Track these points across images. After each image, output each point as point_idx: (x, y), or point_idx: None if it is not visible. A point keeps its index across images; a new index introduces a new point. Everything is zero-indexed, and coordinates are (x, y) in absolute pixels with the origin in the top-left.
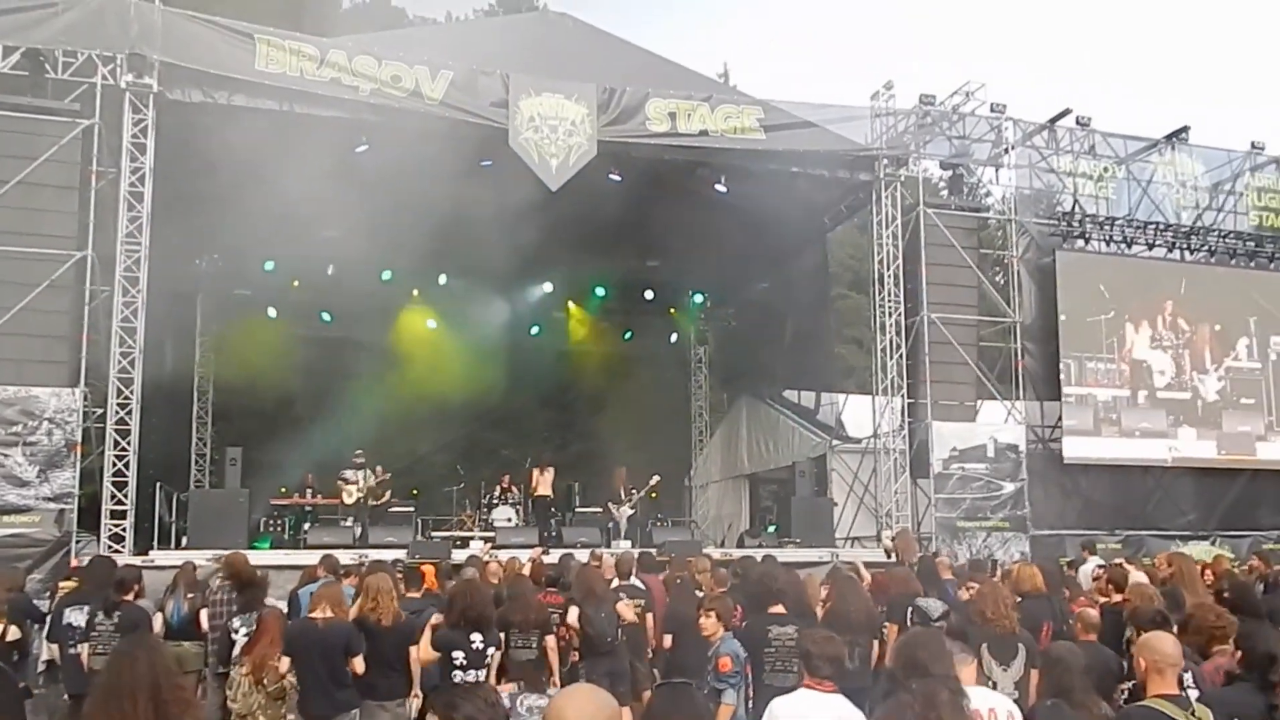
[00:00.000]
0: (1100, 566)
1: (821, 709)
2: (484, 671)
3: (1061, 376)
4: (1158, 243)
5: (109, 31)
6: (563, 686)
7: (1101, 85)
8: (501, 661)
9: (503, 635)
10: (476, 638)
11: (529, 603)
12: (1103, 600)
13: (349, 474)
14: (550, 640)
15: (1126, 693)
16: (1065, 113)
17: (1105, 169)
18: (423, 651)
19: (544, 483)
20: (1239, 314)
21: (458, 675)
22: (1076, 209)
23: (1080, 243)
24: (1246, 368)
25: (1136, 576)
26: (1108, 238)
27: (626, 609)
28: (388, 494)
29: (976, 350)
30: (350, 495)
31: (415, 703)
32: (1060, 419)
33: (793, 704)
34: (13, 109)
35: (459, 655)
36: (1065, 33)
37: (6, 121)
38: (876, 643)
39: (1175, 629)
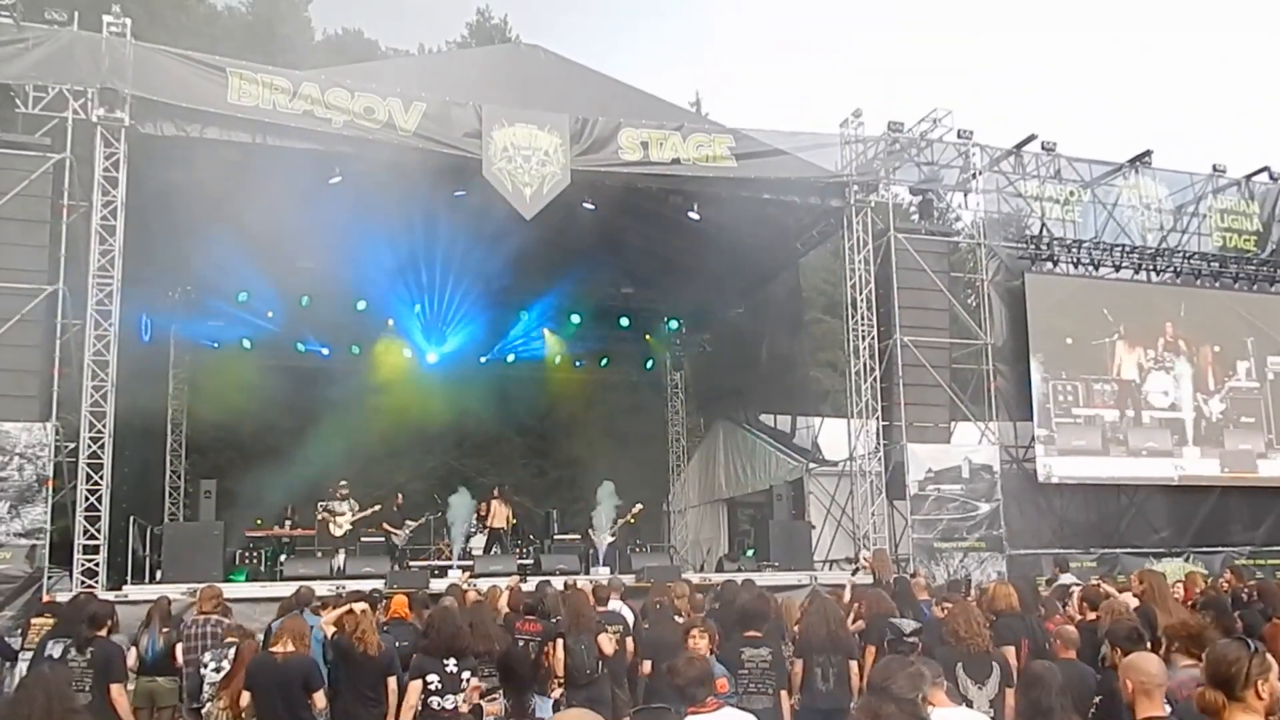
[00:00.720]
0: (1075, 584)
1: None
2: (460, 696)
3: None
4: (1124, 264)
5: (80, 66)
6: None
7: (1066, 111)
8: None
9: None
10: (451, 663)
11: (488, 633)
12: (1078, 618)
13: (335, 505)
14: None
15: (1095, 707)
16: (1031, 138)
17: (1071, 193)
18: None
19: (499, 514)
20: (1236, 335)
21: (434, 701)
22: (1044, 232)
23: (1049, 265)
24: (1246, 387)
25: (1122, 596)
26: (1075, 260)
27: (607, 641)
28: (382, 522)
29: (949, 372)
30: (339, 527)
31: None
32: (1033, 439)
33: None
34: None
35: (434, 680)
36: (1029, 60)
37: None
38: (854, 663)
39: (1149, 645)
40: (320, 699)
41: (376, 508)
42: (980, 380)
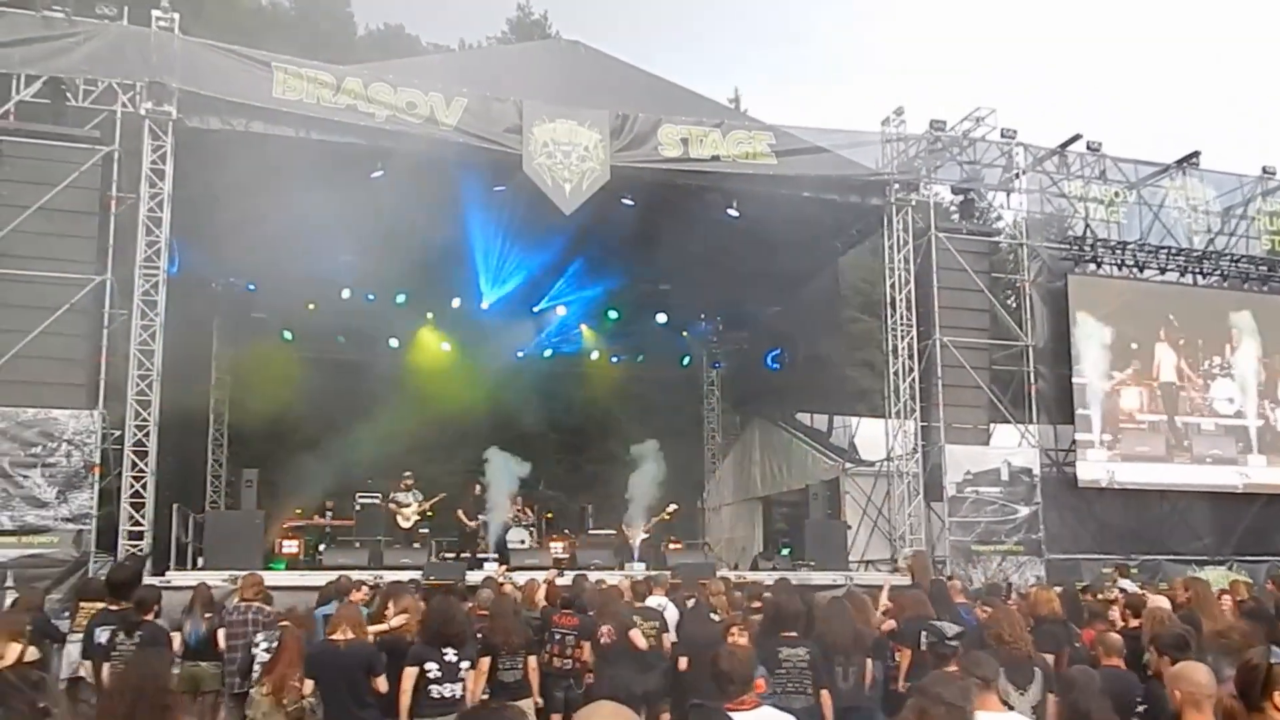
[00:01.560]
0: (1121, 590)
1: None
2: (460, 685)
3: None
4: (1170, 266)
5: (129, 60)
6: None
7: (1112, 111)
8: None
9: (489, 658)
10: (450, 651)
11: (509, 626)
12: (1120, 625)
13: (401, 497)
14: (533, 661)
15: (1139, 716)
16: (1076, 138)
17: (1116, 194)
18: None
19: (525, 517)
20: None
21: (434, 690)
22: (1088, 233)
23: (1092, 266)
24: None
25: (1157, 601)
26: (1119, 261)
27: (638, 637)
28: (459, 509)
29: (989, 373)
30: (406, 519)
31: None
32: (1074, 443)
33: None
34: (34, 136)
35: (432, 668)
36: (1075, 59)
37: (28, 149)
38: (871, 662)
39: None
40: (382, 683)
41: (442, 495)
42: (1020, 382)
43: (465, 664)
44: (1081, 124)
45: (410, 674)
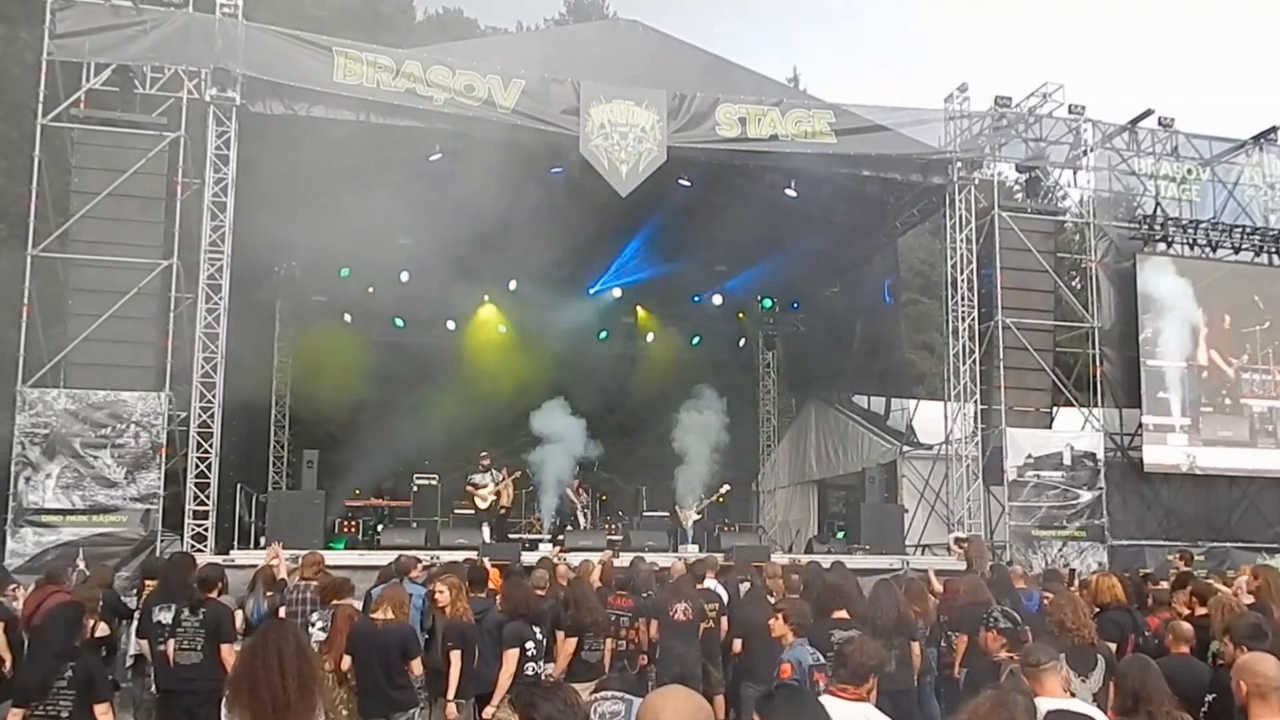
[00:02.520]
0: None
1: (844, 715)
2: (549, 664)
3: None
4: (1245, 246)
5: (194, 47)
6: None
7: (1185, 85)
8: (570, 663)
9: (575, 638)
10: (537, 630)
11: (595, 606)
12: (1185, 614)
13: (478, 478)
14: (609, 643)
15: (1208, 705)
16: (1147, 113)
17: (1189, 171)
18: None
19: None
20: None
21: (530, 667)
22: (1158, 212)
23: (1162, 246)
24: None
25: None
26: (1191, 241)
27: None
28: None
29: (1052, 356)
30: (484, 500)
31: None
32: (1140, 427)
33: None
34: (103, 123)
35: (530, 646)
36: (1147, 32)
37: (98, 135)
38: (917, 646)
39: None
40: (417, 666)
41: (517, 474)
42: (1085, 365)
43: (546, 642)
44: (1153, 99)
45: (512, 656)
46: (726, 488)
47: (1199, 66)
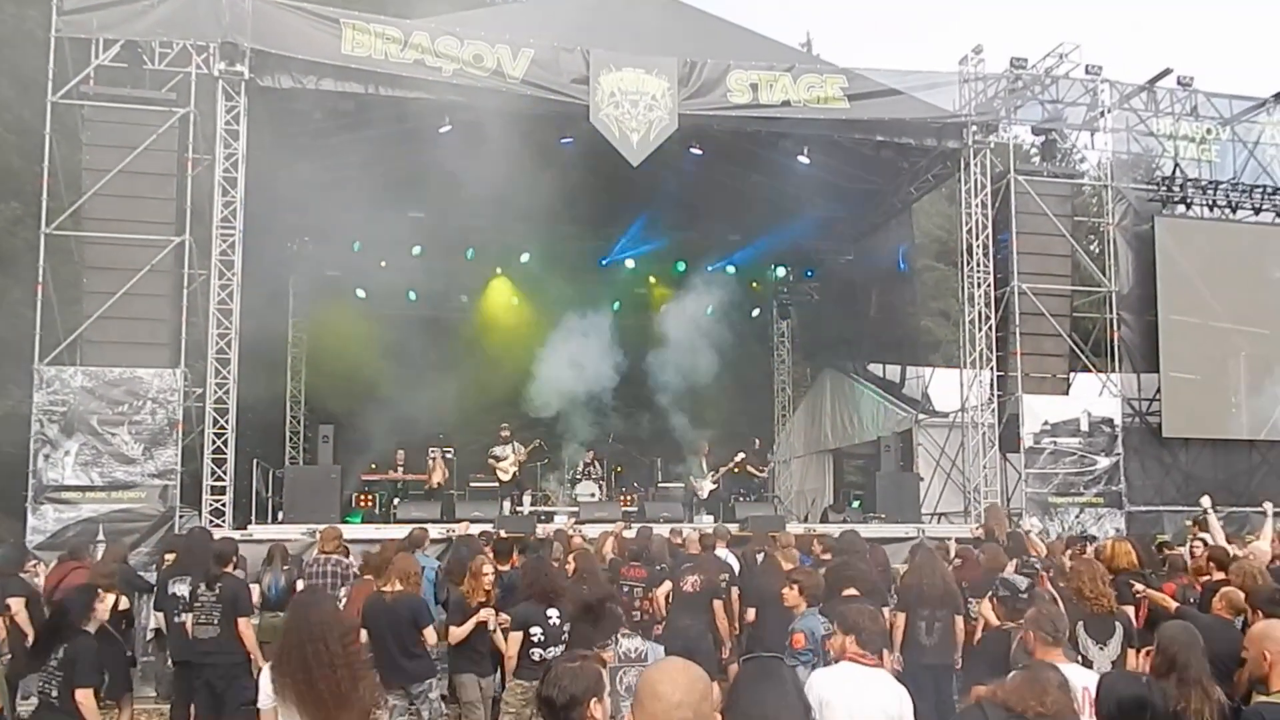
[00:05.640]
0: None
1: (864, 683)
2: (562, 649)
3: (1161, 348)
4: (1265, 207)
5: (202, 21)
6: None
7: (1205, 43)
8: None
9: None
10: (553, 613)
11: (602, 580)
12: (1203, 579)
13: (499, 450)
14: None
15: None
16: (1165, 73)
17: (1208, 131)
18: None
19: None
20: None
21: (535, 653)
22: (1177, 173)
23: (1181, 208)
24: None
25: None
26: (1211, 202)
27: (719, 606)
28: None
29: (1069, 321)
30: (505, 472)
31: None
32: (1159, 391)
33: (834, 676)
34: (113, 100)
35: (536, 631)
36: None
37: (108, 112)
38: (959, 618)
39: None
40: (431, 635)
41: (538, 442)
42: (1103, 330)
43: (568, 624)
44: (1172, 58)
45: (515, 638)
46: (741, 456)
47: (1218, 24)
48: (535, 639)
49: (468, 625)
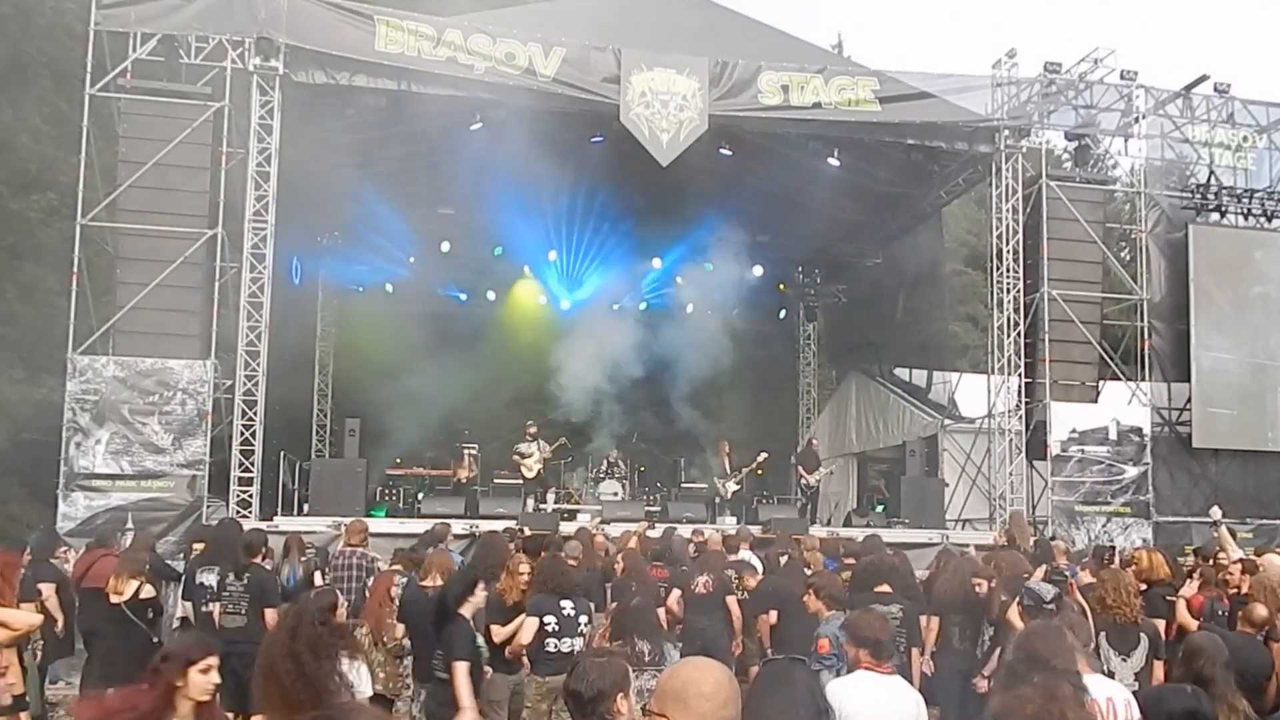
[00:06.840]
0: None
1: (879, 691)
2: (579, 640)
3: (1192, 358)
4: None
5: (237, 16)
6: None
7: (1242, 50)
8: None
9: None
10: (567, 605)
11: (648, 578)
12: (1232, 591)
13: (523, 447)
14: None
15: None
16: (1202, 79)
17: (1245, 138)
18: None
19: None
20: None
21: (550, 644)
22: (1212, 180)
23: (1215, 216)
24: None
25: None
26: (1246, 210)
27: (733, 604)
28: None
29: (1099, 329)
30: (530, 470)
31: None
32: (1189, 401)
33: (848, 686)
34: (149, 93)
35: (550, 621)
36: None
37: (144, 105)
38: (990, 628)
39: None
40: None
41: (563, 440)
42: (1133, 338)
43: (584, 618)
44: (1209, 64)
45: (531, 625)
46: (764, 455)
47: (1257, 31)
48: (550, 628)
49: (512, 625)
